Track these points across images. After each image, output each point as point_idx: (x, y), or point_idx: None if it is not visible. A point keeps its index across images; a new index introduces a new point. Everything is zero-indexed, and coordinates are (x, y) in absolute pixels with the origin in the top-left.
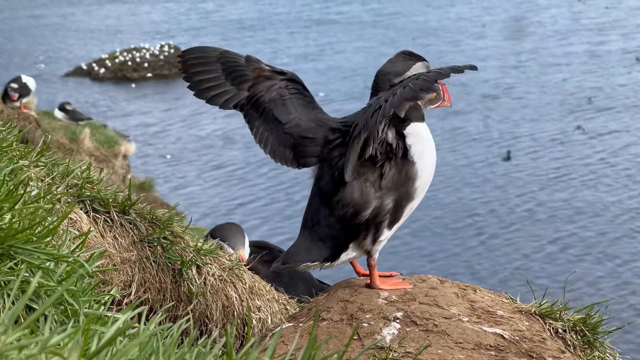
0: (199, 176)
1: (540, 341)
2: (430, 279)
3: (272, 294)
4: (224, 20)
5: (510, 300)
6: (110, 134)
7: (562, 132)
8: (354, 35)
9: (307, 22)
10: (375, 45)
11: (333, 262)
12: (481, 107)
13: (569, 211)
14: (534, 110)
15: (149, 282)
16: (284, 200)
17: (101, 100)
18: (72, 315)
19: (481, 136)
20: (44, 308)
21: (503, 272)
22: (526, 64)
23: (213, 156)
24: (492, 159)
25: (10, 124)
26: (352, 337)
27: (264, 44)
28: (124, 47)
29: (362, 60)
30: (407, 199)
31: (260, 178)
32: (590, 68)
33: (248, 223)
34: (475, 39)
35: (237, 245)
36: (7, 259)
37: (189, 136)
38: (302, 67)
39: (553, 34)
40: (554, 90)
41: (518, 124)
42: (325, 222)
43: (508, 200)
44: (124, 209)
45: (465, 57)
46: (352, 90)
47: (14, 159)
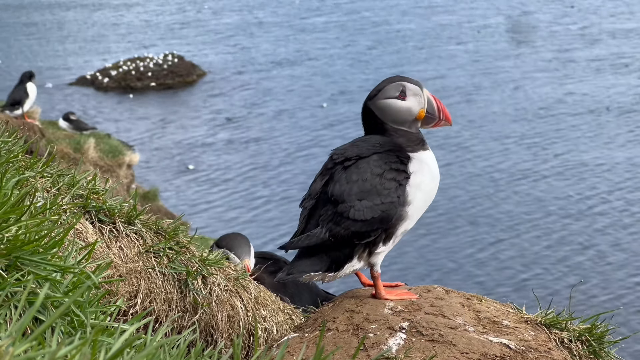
0: (204, 185)
1: (546, 351)
2: (435, 289)
3: (277, 304)
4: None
5: (515, 310)
6: (115, 143)
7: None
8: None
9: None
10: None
11: (336, 272)
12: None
13: (576, 219)
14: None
15: (154, 293)
16: (290, 211)
17: (105, 110)
18: (79, 327)
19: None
20: (52, 320)
21: (508, 281)
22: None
23: (219, 164)
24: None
25: (16, 135)
26: (359, 348)
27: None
28: (127, 57)
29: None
30: (400, 220)
31: (266, 189)
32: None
33: (253, 233)
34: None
35: (243, 255)
36: (14, 270)
37: (193, 144)
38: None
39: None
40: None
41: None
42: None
43: (511, 207)
44: (129, 220)
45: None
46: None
47: (19, 169)
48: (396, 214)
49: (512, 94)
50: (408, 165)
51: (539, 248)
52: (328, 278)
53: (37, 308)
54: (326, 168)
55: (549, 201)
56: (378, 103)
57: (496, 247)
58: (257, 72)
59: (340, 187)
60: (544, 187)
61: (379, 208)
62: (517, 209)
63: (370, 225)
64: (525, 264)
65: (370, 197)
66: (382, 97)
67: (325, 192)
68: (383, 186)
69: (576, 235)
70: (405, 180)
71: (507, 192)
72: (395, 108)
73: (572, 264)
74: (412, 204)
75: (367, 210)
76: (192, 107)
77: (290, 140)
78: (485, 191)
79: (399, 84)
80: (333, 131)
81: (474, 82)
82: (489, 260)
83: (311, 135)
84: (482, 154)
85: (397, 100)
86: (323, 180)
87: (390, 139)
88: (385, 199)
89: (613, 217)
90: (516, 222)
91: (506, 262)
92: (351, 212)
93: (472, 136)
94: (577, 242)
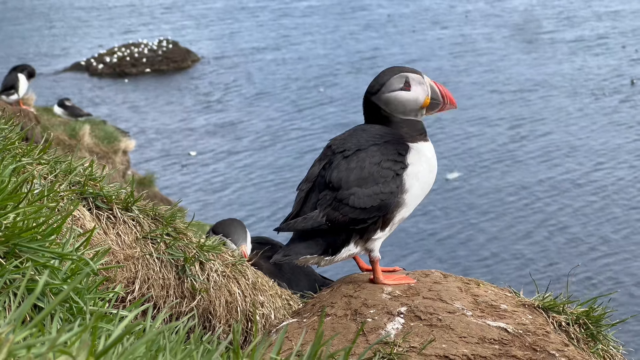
0: (201, 170)
1: (544, 334)
2: (433, 273)
3: (275, 289)
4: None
5: (513, 294)
6: (110, 130)
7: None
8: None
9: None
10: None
11: (333, 256)
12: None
13: (574, 202)
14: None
15: (152, 279)
16: (290, 196)
17: (100, 96)
18: (78, 313)
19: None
20: (51, 307)
21: (506, 265)
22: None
23: (214, 148)
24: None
25: (13, 121)
26: (358, 334)
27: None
28: (122, 43)
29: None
30: (397, 207)
31: (265, 169)
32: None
33: (248, 218)
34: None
35: (240, 240)
36: (12, 257)
37: (188, 129)
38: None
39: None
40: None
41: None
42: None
43: (510, 190)
44: (126, 206)
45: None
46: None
47: (17, 156)
48: (394, 202)
49: (491, 75)
50: (406, 156)
51: (536, 232)
52: (324, 262)
53: (37, 295)
54: (325, 154)
55: (544, 185)
56: (384, 97)
57: (489, 233)
58: (249, 57)
59: (339, 174)
60: (533, 169)
61: (378, 197)
62: (507, 192)
63: (368, 213)
64: (522, 248)
65: (367, 185)
66: (387, 90)
67: (322, 176)
68: (380, 174)
69: (572, 218)
70: (402, 170)
71: (502, 175)
72: (402, 100)
73: (569, 247)
74: (409, 192)
75: (367, 198)
76: (187, 92)
77: (277, 125)
78: (489, 176)
79: (402, 75)
80: (331, 114)
81: (454, 64)
82: (485, 244)
83: (313, 122)
84: (460, 133)
85: (403, 91)
86: (321, 165)
87: (392, 130)
88: (384, 188)
89: (610, 200)
90: (508, 206)
91: (504, 247)
92: (350, 199)
93: (452, 119)
94: (573, 226)
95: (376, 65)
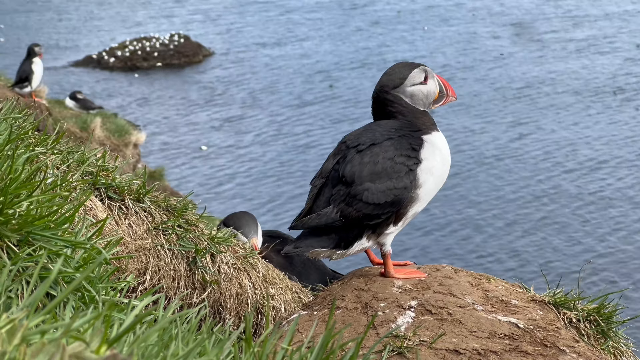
0: (211, 164)
1: (555, 330)
2: (444, 268)
3: (285, 282)
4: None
5: (524, 290)
6: (121, 123)
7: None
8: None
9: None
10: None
11: (345, 250)
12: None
13: (584, 200)
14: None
15: (163, 270)
16: (297, 190)
17: (111, 89)
18: (90, 302)
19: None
20: (64, 294)
21: (517, 261)
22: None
23: (225, 143)
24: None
25: (26, 111)
26: (370, 326)
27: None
28: (133, 37)
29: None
30: (411, 202)
31: (272, 163)
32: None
33: (258, 210)
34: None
35: (251, 233)
36: (25, 245)
37: (199, 123)
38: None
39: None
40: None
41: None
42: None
43: (520, 186)
44: (138, 197)
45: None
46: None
47: (30, 146)
48: (408, 197)
49: (496, 73)
50: (420, 151)
51: (546, 228)
52: (336, 255)
53: (50, 282)
54: (339, 149)
55: (553, 181)
56: (408, 90)
57: (500, 229)
58: (259, 51)
59: (352, 168)
60: (535, 167)
61: (392, 192)
62: (515, 190)
63: (382, 209)
64: (531, 244)
65: (381, 180)
66: (410, 83)
67: (336, 170)
68: (393, 169)
69: (583, 215)
70: (415, 165)
71: (507, 172)
72: (424, 93)
73: (580, 244)
74: (422, 187)
75: (381, 194)
76: (198, 87)
77: (285, 120)
78: (495, 173)
79: (422, 69)
80: (341, 112)
81: (459, 61)
82: (494, 240)
83: (319, 118)
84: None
85: (423, 85)
86: (335, 159)
87: (405, 123)
88: (398, 184)
89: (621, 196)
90: (518, 202)
91: (512, 242)
92: (364, 194)
93: (455, 115)
94: (584, 223)
95: (382, 62)
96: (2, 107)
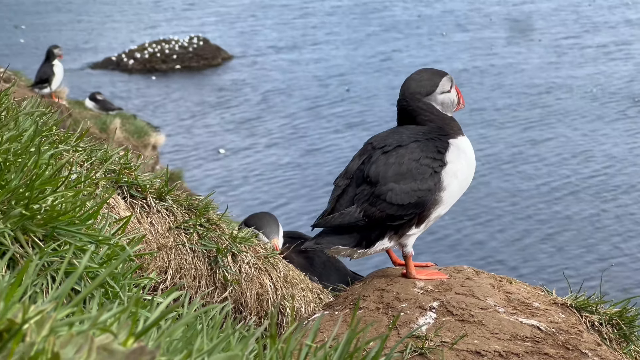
0: (228, 167)
1: (577, 334)
2: (465, 269)
3: (306, 283)
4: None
5: (545, 293)
6: (140, 124)
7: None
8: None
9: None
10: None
11: (366, 249)
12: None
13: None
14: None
15: (184, 269)
16: (313, 192)
17: (130, 91)
18: (113, 298)
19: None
20: (91, 288)
21: (538, 264)
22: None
23: (242, 146)
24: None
25: (50, 108)
26: (394, 324)
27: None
28: (152, 39)
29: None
30: (434, 205)
31: (297, 168)
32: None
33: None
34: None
35: (272, 234)
36: (50, 240)
37: (215, 126)
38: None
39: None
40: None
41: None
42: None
43: (541, 188)
44: (160, 196)
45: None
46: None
47: (54, 143)
48: (431, 199)
49: (511, 78)
50: (445, 154)
51: (567, 231)
52: (358, 254)
53: (78, 276)
54: (365, 150)
55: (574, 184)
56: (439, 98)
57: (519, 232)
58: (277, 55)
59: (377, 169)
60: (562, 170)
61: (416, 194)
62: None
63: (405, 210)
64: (554, 248)
65: (405, 181)
66: (440, 91)
67: (361, 170)
68: (418, 171)
69: (606, 218)
70: (440, 167)
71: (523, 177)
72: (451, 100)
73: (602, 247)
74: (446, 190)
75: (405, 195)
76: (217, 89)
77: (304, 124)
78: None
79: (448, 77)
80: (358, 115)
81: (475, 66)
82: (514, 243)
83: (334, 122)
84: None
85: (450, 93)
86: (360, 160)
87: (434, 128)
88: (422, 185)
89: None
90: (540, 205)
91: (529, 247)
92: (388, 195)
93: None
94: (607, 226)
95: (396, 66)
96: (27, 104)
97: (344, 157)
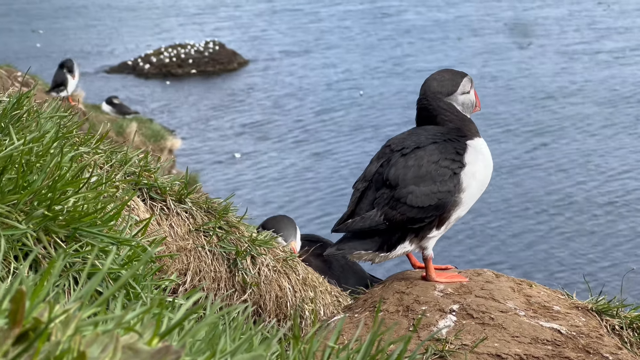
0: (245, 172)
1: (598, 337)
2: (485, 272)
3: (324, 285)
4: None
5: (566, 296)
6: (157, 128)
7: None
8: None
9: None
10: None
11: (388, 253)
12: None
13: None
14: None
15: (204, 271)
16: (327, 196)
17: (146, 95)
18: (135, 299)
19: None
20: (115, 288)
21: (558, 267)
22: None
23: (258, 150)
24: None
25: (71, 111)
26: (416, 326)
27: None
28: (168, 44)
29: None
30: (454, 206)
31: (310, 172)
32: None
33: (299, 215)
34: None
35: (290, 237)
36: (72, 241)
37: (232, 130)
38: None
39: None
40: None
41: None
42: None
43: (560, 192)
44: (180, 198)
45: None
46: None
47: (74, 145)
48: (451, 201)
49: (523, 83)
50: (464, 155)
51: (582, 236)
52: (379, 258)
53: (102, 276)
54: (383, 152)
55: (593, 189)
56: (460, 98)
57: (536, 234)
58: (291, 59)
59: (396, 171)
60: (576, 175)
61: (436, 196)
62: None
63: (425, 212)
64: (568, 253)
65: (425, 183)
66: (461, 92)
67: (380, 173)
68: (438, 173)
69: (623, 224)
70: (459, 169)
71: (541, 179)
72: (471, 101)
73: (622, 251)
74: (466, 191)
75: (425, 197)
76: (232, 94)
77: (318, 126)
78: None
79: (468, 78)
80: (368, 119)
81: (488, 72)
82: (528, 247)
83: (346, 126)
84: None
85: (470, 94)
86: (379, 163)
87: (452, 129)
88: (442, 187)
89: None
90: (560, 210)
91: (545, 252)
92: (409, 198)
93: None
94: (620, 230)
95: (409, 71)
96: (47, 107)
97: (357, 162)
